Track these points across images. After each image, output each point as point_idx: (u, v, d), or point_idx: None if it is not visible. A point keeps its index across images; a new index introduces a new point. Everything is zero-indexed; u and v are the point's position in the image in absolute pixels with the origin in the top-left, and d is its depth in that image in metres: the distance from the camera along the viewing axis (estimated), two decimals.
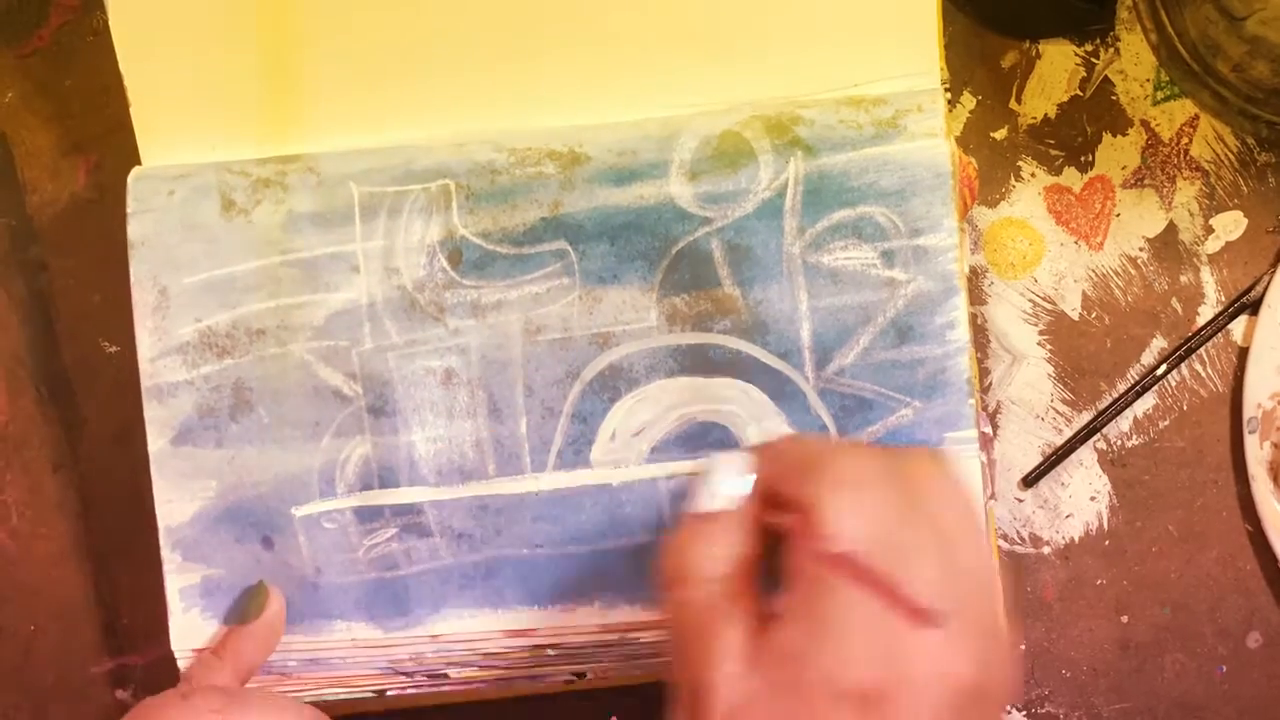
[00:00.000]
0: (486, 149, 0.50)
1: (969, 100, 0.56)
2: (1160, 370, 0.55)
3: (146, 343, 0.50)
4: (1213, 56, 0.53)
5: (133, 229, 0.50)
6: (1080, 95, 0.55)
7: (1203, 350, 0.55)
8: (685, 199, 0.49)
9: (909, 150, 0.49)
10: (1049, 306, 0.55)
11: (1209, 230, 0.55)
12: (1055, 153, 0.56)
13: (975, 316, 0.55)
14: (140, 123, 0.52)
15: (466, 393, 0.50)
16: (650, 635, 0.50)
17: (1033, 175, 0.56)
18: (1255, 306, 0.54)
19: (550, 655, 0.51)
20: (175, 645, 0.51)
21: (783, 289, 0.49)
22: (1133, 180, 0.55)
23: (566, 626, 0.50)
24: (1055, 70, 0.55)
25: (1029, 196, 0.56)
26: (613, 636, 0.50)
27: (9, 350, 0.57)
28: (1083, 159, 0.55)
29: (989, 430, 0.54)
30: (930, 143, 0.49)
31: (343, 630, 0.51)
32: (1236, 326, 0.55)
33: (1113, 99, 0.55)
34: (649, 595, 0.50)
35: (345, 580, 0.51)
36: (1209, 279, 0.55)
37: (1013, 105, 0.56)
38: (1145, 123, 0.55)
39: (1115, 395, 0.55)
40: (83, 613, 0.57)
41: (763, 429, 0.49)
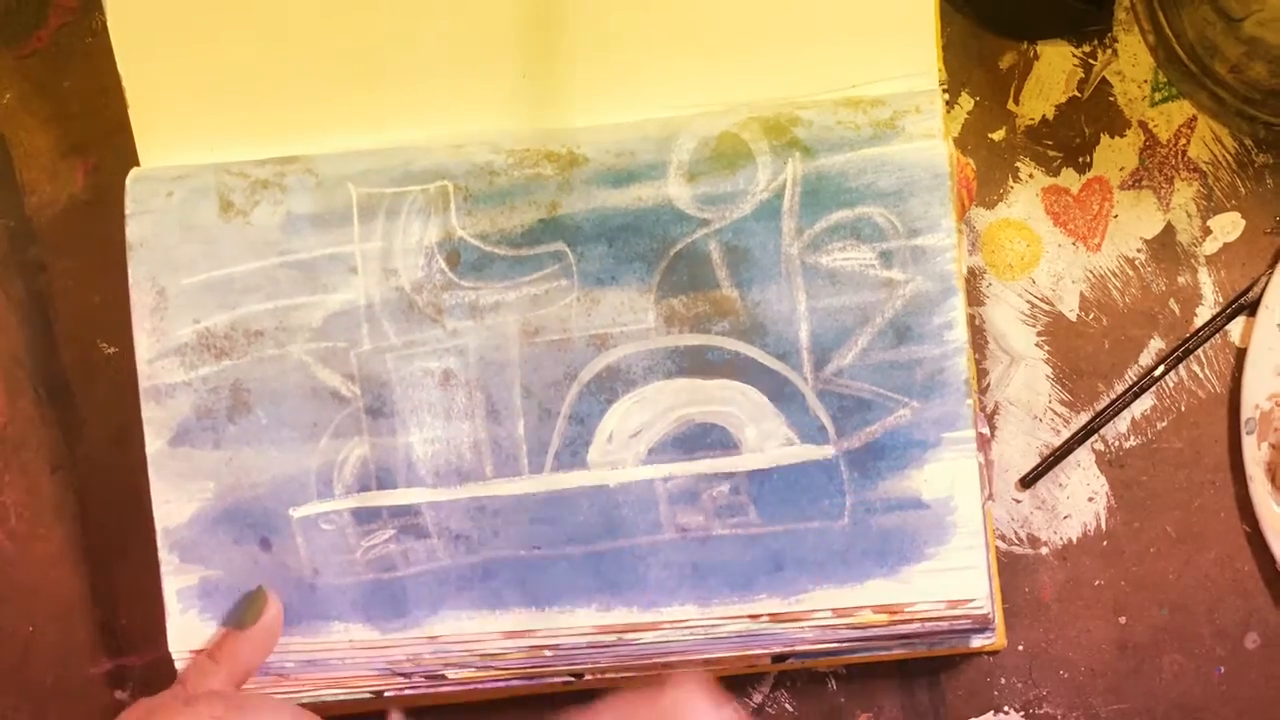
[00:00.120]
0: (485, 150, 0.50)
1: (967, 101, 0.56)
2: (1158, 371, 0.55)
3: (145, 344, 0.50)
4: (1210, 58, 0.53)
5: (131, 230, 0.50)
6: (1078, 96, 0.55)
7: (1200, 351, 0.55)
8: (683, 200, 0.49)
9: (907, 151, 0.49)
10: (1047, 307, 0.55)
11: (1207, 231, 0.55)
12: (1053, 154, 0.56)
13: (973, 317, 0.55)
14: (139, 124, 0.52)
15: (464, 394, 0.50)
16: (649, 636, 0.50)
17: (1030, 176, 0.56)
18: (1253, 308, 0.54)
19: (548, 656, 0.51)
20: (173, 646, 0.51)
21: (781, 290, 0.49)
22: (1130, 181, 0.55)
23: (564, 627, 0.50)
24: (1053, 71, 0.55)
25: (1027, 198, 0.56)
26: (610, 637, 0.50)
27: (8, 351, 0.57)
28: (1081, 160, 0.55)
29: (987, 431, 0.54)
30: (928, 143, 0.49)
31: (340, 631, 0.51)
32: (1234, 328, 0.55)
33: (1110, 100, 0.55)
34: (645, 596, 0.50)
35: (343, 581, 0.51)
36: (1207, 280, 0.55)
37: (1010, 106, 0.56)
38: (1143, 124, 0.55)
39: (1113, 396, 0.55)
40: (81, 613, 0.57)
41: (761, 430, 0.49)
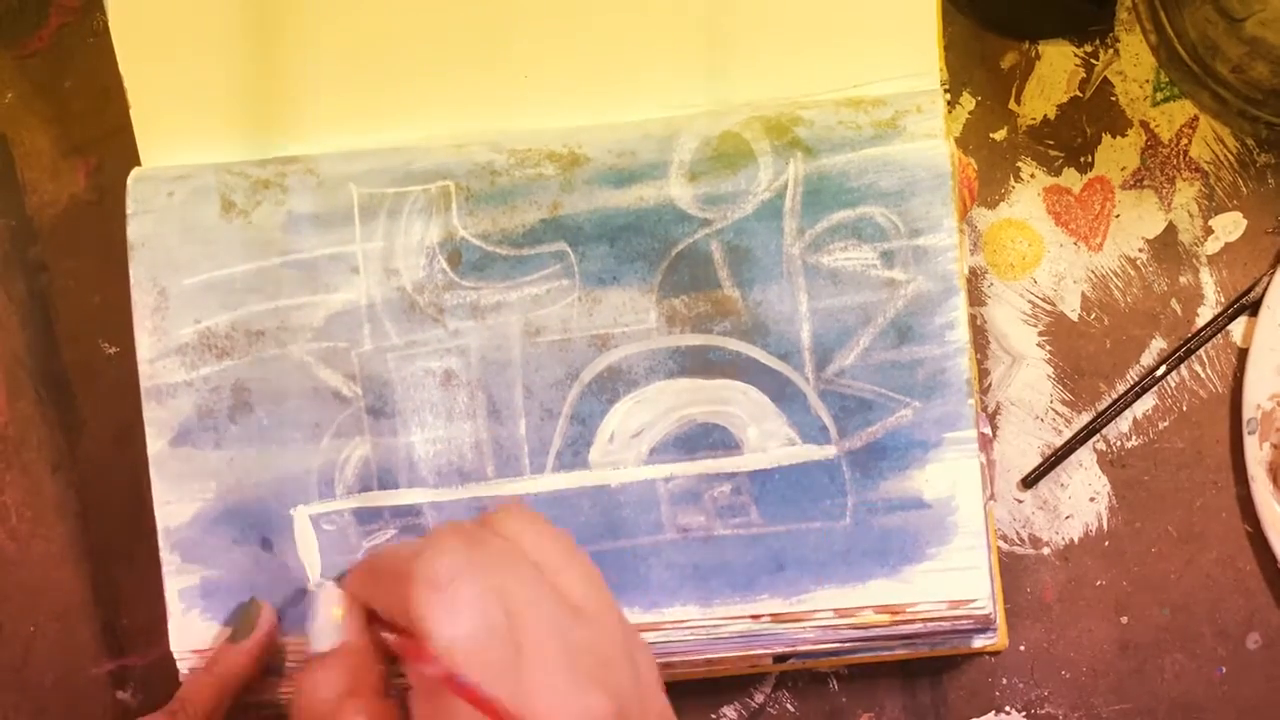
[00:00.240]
0: (486, 150, 0.50)
1: (968, 101, 0.56)
2: (1160, 371, 0.55)
3: (146, 344, 0.50)
4: (1212, 57, 0.53)
5: (132, 230, 0.50)
6: (1080, 96, 0.55)
7: (1202, 351, 0.55)
8: (685, 200, 0.49)
9: (908, 151, 0.49)
10: (1048, 307, 0.55)
11: (1208, 231, 0.55)
12: (1055, 154, 0.55)
13: (975, 317, 0.55)
14: (140, 124, 0.52)
15: (466, 394, 0.50)
16: (650, 636, 0.50)
17: (1032, 176, 0.56)
18: (1255, 307, 0.54)
19: None
20: (174, 646, 0.51)
21: (782, 290, 0.49)
22: (1132, 181, 0.55)
23: None
24: (1055, 71, 0.55)
25: (1028, 197, 0.56)
26: None
27: (9, 351, 0.57)
28: (1082, 160, 0.55)
29: (988, 431, 0.54)
30: (930, 143, 0.49)
31: None
32: (1236, 327, 0.55)
33: (1112, 100, 0.55)
34: (646, 596, 0.50)
35: None
36: (1208, 280, 0.55)
37: (1012, 106, 0.56)
38: (1145, 124, 0.55)
39: (1115, 396, 0.55)
40: (82, 613, 0.57)
41: (763, 430, 0.49)
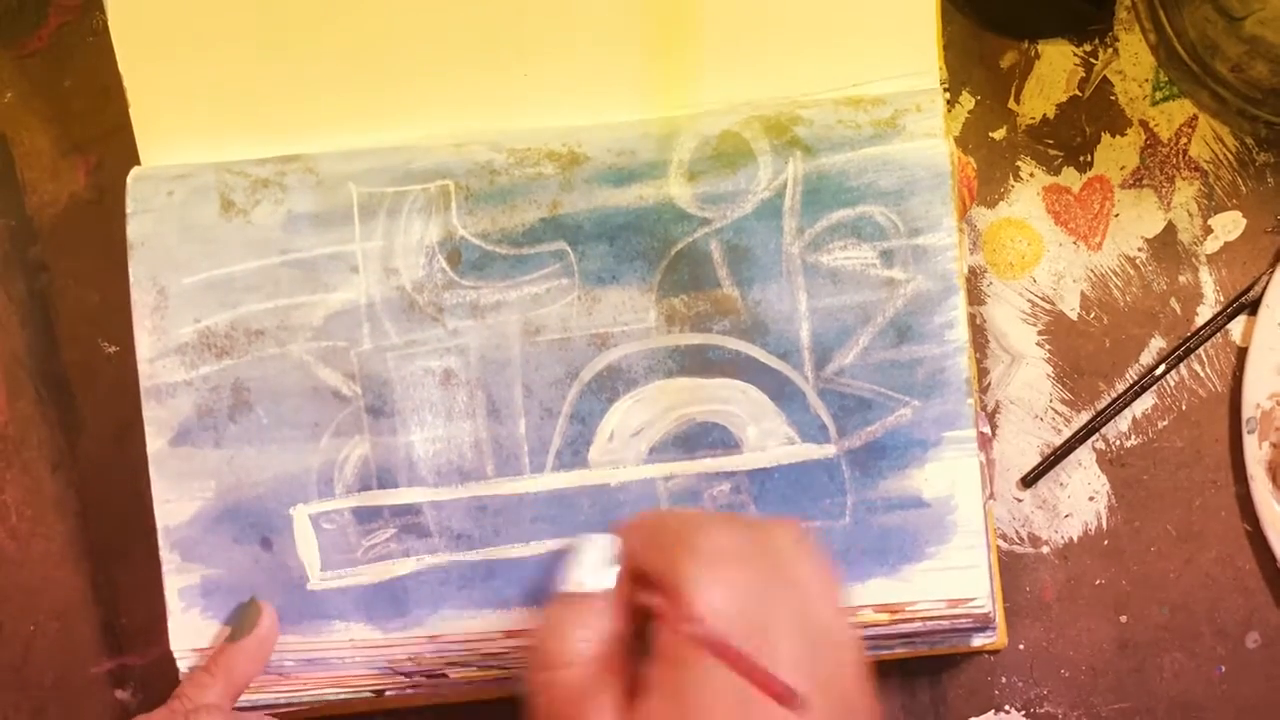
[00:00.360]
0: (485, 149, 0.50)
1: (968, 100, 0.56)
2: (1159, 370, 0.55)
3: (145, 343, 0.50)
4: (1211, 57, 0.53)
5: (132, 229, 0.50)
6: (1079, 95, 0.55)
7: (1201, 350, 0.55)
8: (684, 199, 0.49)
9: (908, 150, 0.49)
10: (1048, 306, 0.55)
11: (1208, 230, 0.55)
12: (1054, 153, 0.56)
13: (974, 316, 0.55)
14: (139, 123, 0.52)
15: (465, 393, 0.50)
16: None
17: (1031, 175, 0.56)
18: (1254, 306, 0.54)
19: None
20: (174, 645, 0.51)
21: (782, 289, 0.49)
22: (1131, 180, 0.55)
23: None
24: (1054, 70, 0.55)
25: (1028, 196, 0.56)
26: None
27: (8, 351, 0.57)
28: (1081, 159, 0.55)
29: (988, 430, 0.54)
30: (929, 143, 0.49)
31: (341, 631, 0.51)
32: (1235, 326, 0.55)
33: (1111, 99, 0.55)
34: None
35: (344, 581, 0.51)
36: (1208, 279, 0.55)
37: (1011, 105, 0.56)
38: (1144, 123, 0.55)
39: (1114, 395, 0.55)
40: (82, 612, 0.57)
41: (762, 429, 0.49)
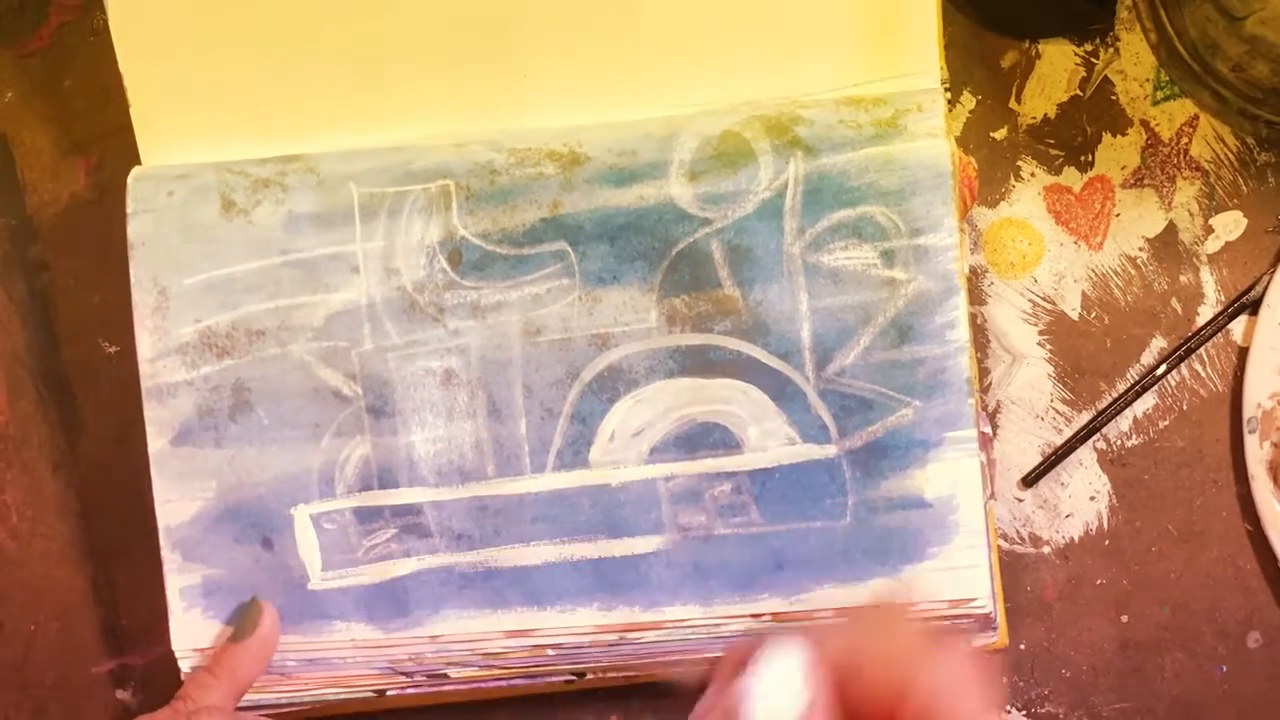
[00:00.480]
0: (486, 149, 0.50)
1: (969, 100, 0.56)
2: (1160, 370, 0.55)
3: (146, 343, 0.50)
4: (1212, 56, 0.53)
5: (133, 229, 0.50)
6: (1080, 95, 0.55)
7: (1202, 350, 0.55)
8: (685, 199, 0.49)
9: (909, 150, 0.49)
10: (1049, 306, 0.55)
11: (1209, 230, 0.55)
12: (1055, 152, 0.55)
13: (975, 316, 0.55)
14: (140, 123, 0.52)
15: (466, 393, 0.50)
16: (650, 635, 0.50)
17: (1032, 175, 0.56)
18: (1255, 306, 0.54)
19: (549, 655, 0.51)
20: (176, 645, 0.51)
21: (783, 289, 0.49)
22: (1132, 180, 0.55)
23: (566, 627, 0.50)
24: (1055, 70, 0.55)
25: (1029, 196, 0.56)
26: (612, 636, 0.50)
27: (9, 350, 0.57)
28: (1082, 159, 0.55)
29: (989, 430, 0.54)
30: (930, 143, 0.49)
31: (342, 631, 0.51)
32: (1236, 326, 0.55)
33: (1112, 99, 0.55)
34: (647, 595, 0.50)
35: (345, 581, 0.51)
36: (1209, 279, 0.55)
37: (1012, 105, 0.56)
38: (1145, 122, 0.55)
39: (1115, 395, 0.55)
40: (82, 612, 0.57)
41: (763, 430, 0.49)
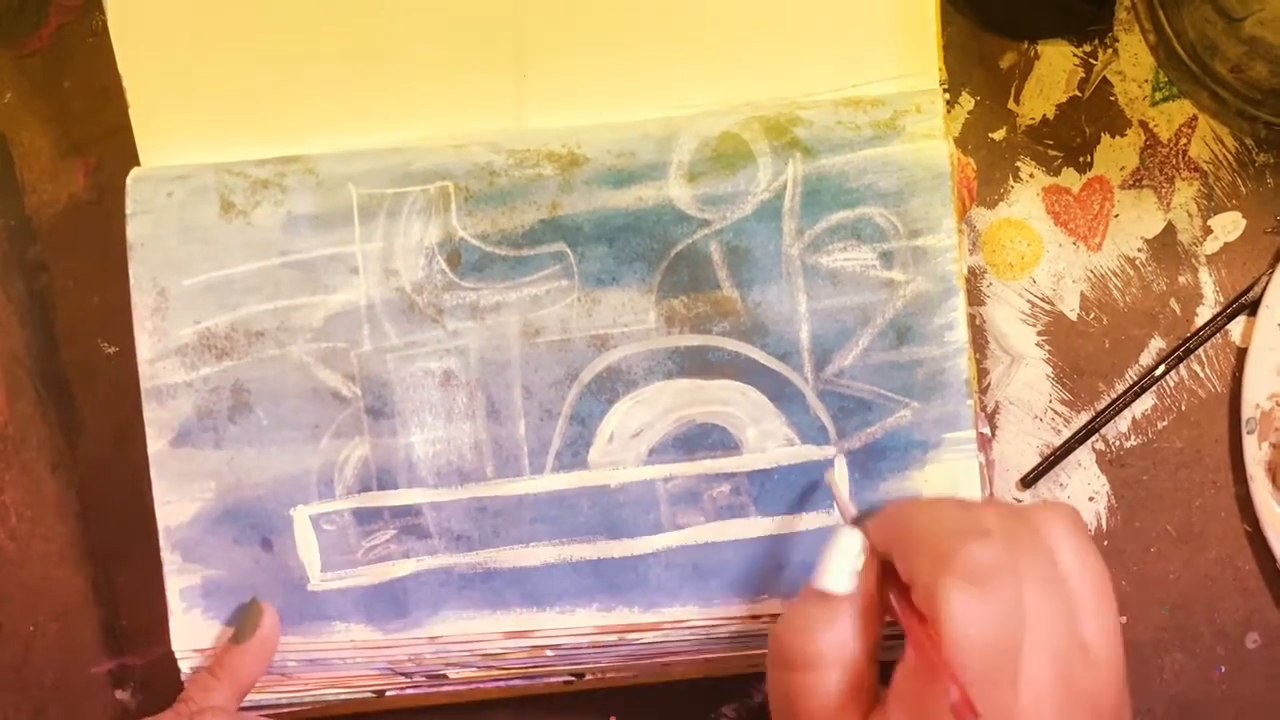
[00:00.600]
0: (485, 151, 0.50)
1: (967, 101, 0.56)
2: (1159, 371, 0.55)
3: (145, 344, 0.51)
4: (1211, 57, 0.53)
5: (132, 230, 0.50)
6: (1079, 96, 0.55)
7: (1201, 351, 0.55)
8: (684, 201, 0.49)
9: (908, 151, 0.49)
10: (1047, 307, 0.56)
11: (1207, 231, 0.55)
12: (1054, 153, 0.56)
13: (974, 317, 0.55)
14: (139, 124, 0.52)
15: (465, 394, 0.50)
16: (649, 636, 0.50)
17: (1031, 176, 0.56)
18: (1253, 307, 0.54)
19: (549, 656, 0.51)
20: (176, 645, 0.51)
21: (782, 291, 0.49)
22: (1131, 181, 0.55)
23: (565, 628, 0.50)
24: (1054, 71, 0.55)
25: (1027, 197, 0.56)
26: (611, 637, 0.50)
27: (8, 351, 0.57)
28: (1081, 160, 0.55)
29: (987, 431, 0.54)
30: (929, 144, 0.49)
31: (342, 631, 0.51)
32: (1235, 327, 0.55)
33: (1111, 100, 0.55)
34: (646, 596, 0.50)
35: (344, 582, 0.51)
36: (1207, 280, 0.55)
37: (1011, 106, 0.56)
38: (1144, 123, 0.55)
39: (1114, 396, 0.55)
40: (82, 613, 0.57)
41: (762, 431, 0.49)
